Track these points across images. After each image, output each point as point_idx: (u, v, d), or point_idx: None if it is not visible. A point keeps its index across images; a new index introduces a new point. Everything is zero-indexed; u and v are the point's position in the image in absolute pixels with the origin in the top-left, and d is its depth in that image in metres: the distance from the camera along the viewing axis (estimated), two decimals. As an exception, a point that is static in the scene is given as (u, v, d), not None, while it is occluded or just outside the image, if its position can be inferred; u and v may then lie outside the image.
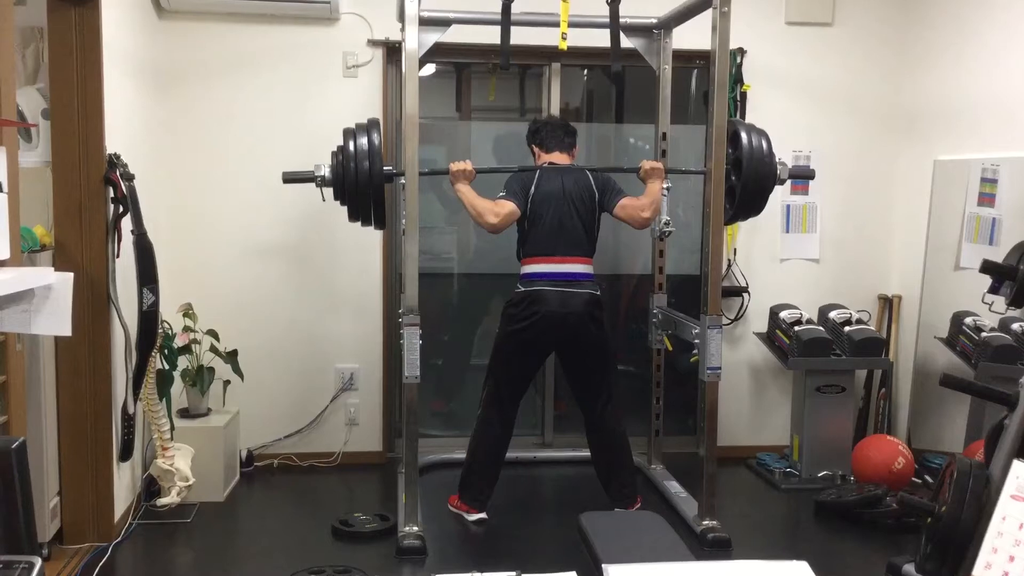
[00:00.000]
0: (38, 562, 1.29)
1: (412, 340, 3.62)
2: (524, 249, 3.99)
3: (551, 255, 3.91)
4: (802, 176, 4.34)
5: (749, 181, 3.89)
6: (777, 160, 3.99)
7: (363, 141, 3.76)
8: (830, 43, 4.91)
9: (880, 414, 4.94)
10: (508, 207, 3.86)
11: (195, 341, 4.24)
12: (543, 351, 4.06)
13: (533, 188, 3.92)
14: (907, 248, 4.92)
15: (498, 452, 4.01)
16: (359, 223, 3.91)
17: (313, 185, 3.86)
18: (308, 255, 4.67)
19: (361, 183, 3.74)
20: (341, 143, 3.83)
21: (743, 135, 3.92)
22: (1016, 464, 1.77)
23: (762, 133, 4.00)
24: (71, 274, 2.08)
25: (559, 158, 4.03)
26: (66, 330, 2.06)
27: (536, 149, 4.12)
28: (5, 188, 1.95)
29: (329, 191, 3.85)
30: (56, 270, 2.17)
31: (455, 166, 3.88)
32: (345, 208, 3.90)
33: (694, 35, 4.18)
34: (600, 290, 3.97)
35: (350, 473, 4.67)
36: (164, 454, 3.88)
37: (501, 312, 4.01)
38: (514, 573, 1.79)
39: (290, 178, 3.90)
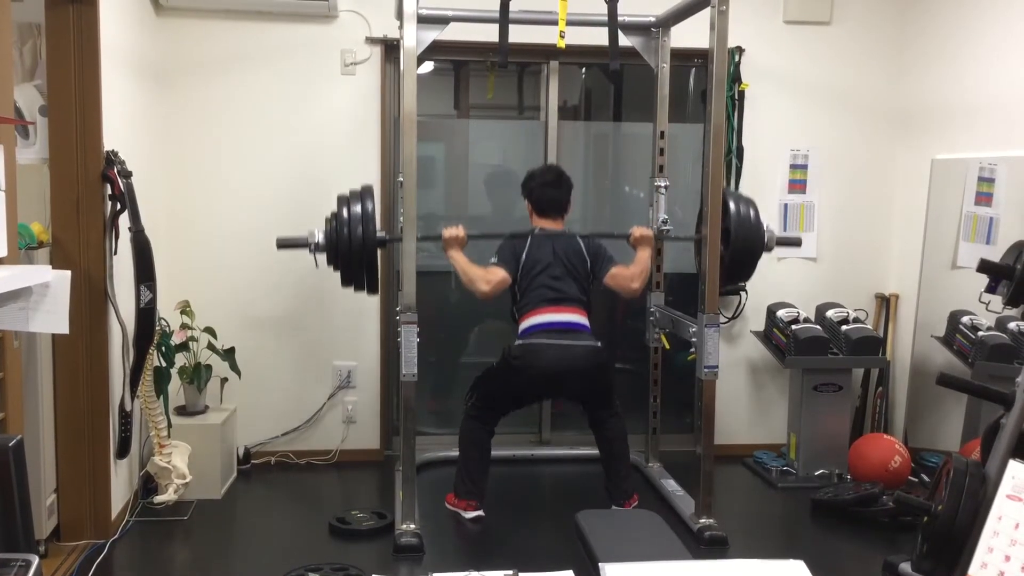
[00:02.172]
0: (35, 560, 1.29)
1: (410, 338, 3.62)
2: (518, 307, 4.03)
3: (547, 306, 3.94)
4: (789, 244, 4.39)
5: (738, 250, 3.92)
6: (765, 227, 4.04)
7: (356, 208, 3.80)
8: (828, 42, 4.92)
9: (877, 413, 4.95)
10: (499, 275, 3.93)
11: (192, 338, 4.23)
12: (538, 399, 4.19)
13: (524, 255, 3.99)
14: (904, 247, 4.93)
15: (486, 442, 4.05)
16: (351, 289, 3.94)
17: (307, 251, 3.86)
18: (306, 252, 4.65)
19: (354, 249, 3.77)
20: (335, 207, 3.87)
21: (731, 204, 3.96)
22: (1012, 464, 1.78)
23: (749, 202, 4.06)
24: (68, 272, 2.08)
25: (551, 224, 4.09)
26: (63, 328, 2.06)
27: (529, 206, 4.16)
28: (3, 185, 1.94)
29: (323, 256, 3.87)
30: (53, 267, 2.17)
31: (447, 233, 3.93)
32: (343, 288, 3.95)
33: (692, 33, 4.18)
34: (600, 342, 3.95)
35: (347, 471, 4.68)
36: (161, 451, 3.88)
37: (502, 355, 3.99)
38: (511, 571, 1.79)
39: (284, 244, 3.93)
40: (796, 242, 4.39)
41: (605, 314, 4.33)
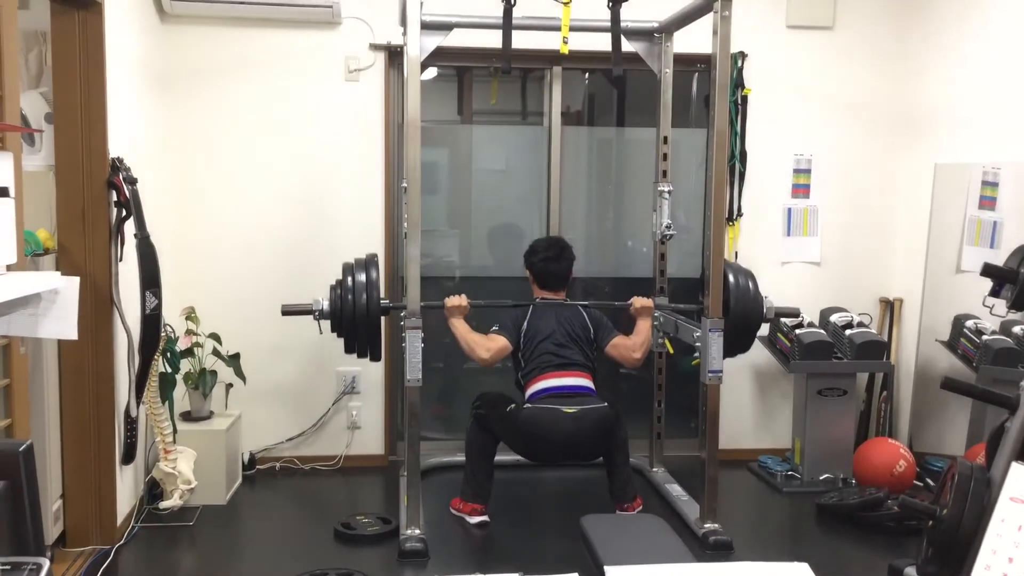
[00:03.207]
0: (46, 564, 1.30)
1: (414, 343, 3.63)
2: (523, 374, 4.06)
3: (553, 371, 3.97)
4: (787, 315, 4.43)
5: (737, 321, 3.94)
6: (764, 298, 4.11)
7: (361, 277, 3.84)
8: (831, 47, 4.92)
9: (881, 417, 4.94)
10: (500, 342, 4.00)
11: (198, 344, 4.24)
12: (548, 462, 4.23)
13: (525, 323, 4.06)
14: (908, 251, 4.93)
15: (493, 451, 4.06)
16: (355, 355, 3.97)
17: (314, 322, 3.93)
18: (311, 258, 4.67)
19: (359, 317, 3.81)
20: (340, 275, 3.91)
21: (730, 277, 4.01)
22: (1015, 466, 1.78)
23: (748, 274, 4.13)
24: (77, 278, 2.09)
25: (552, 295, 4.16)
26: (72, 334, 2.08)
27: (531, 277, 4.21)
28: (12, 193, 1.96)
29: (327, 323, 3.91)
30: (59, 274, 2.18)
31: (450, 302, 4.00)
32: (347, 354, 3.99)
33: (695, 39, 4.19)
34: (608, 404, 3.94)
35: (352, 476, 4.68)
36: (166, 457, 3.89)
37: (507, 408, 3.94)
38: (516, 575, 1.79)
39: (289, 311, 3.98)
40: (795, 313, 4.44)
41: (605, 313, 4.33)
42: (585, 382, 3.99)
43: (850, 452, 4.54)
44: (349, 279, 3.86)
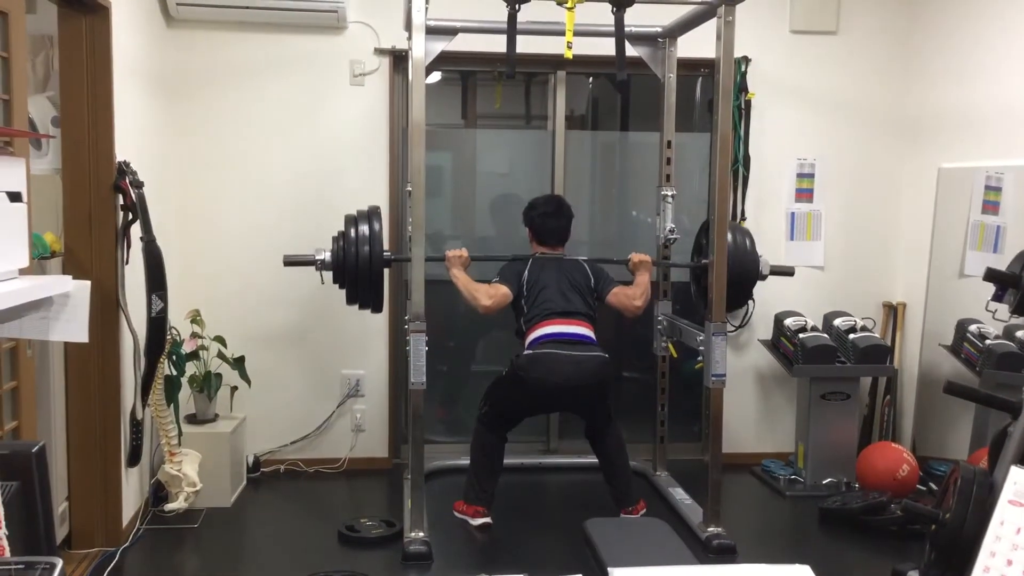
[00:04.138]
0: (59, 563, 1.31)
1: (418, 346, 3.65)
2: (525, 320, 4.06)
3: (555, 318, 3.97)
4: (782, 274, 4.45)
5: (733, 276, 3.95)
6: (760, 257, 4.19)
7: (364, 228, 3.85)
8: (835, 51, 4.93)
9: (885, 421, 4.94)
10: (502, 290, 4.01)
11: (203, 347, 4.26)
12: (548, 411, 4.18)
13: (526, 272, 4.06)
14: (911, 256, 4.93)
15: (498, 454, 4.07)
16: (356, 307, 3.98)
17: (315, 261, 3.93)
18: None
19: (361, 268, 3.82)
20: (344, 221, 3.93)
21: (728, 235, 4.03)
22: (1014, 470, 1.79)
23: (746, 232, 4.20)
24: (88, 282, 2.11)
25: (552, 251, 4.17)
26: (83, 337, 2.10)
27: (530, 234, 4.24)
28: (24, 198, 1.98)
29: (329, 275, 3.92)
30: (65, 276, 2.21)
31: (451, 253, 4.02)
32: (348, 305, 4.01)
33: (699, 44, 4.20)
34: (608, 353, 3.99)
35: (356, 479, 4.69)
36: (172, 459, 3.91)
37: (510, 363, 4.02)
38: (520, 579, 1.80)
39: (291, 262, 3.98)
40: (789, 271, 4.47)
41: (609, 328, 4.35)
42: (586, 331, 3.98)
43: (853, 456, 4.54)
44: (352, 230, 3.86)
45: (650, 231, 4.48)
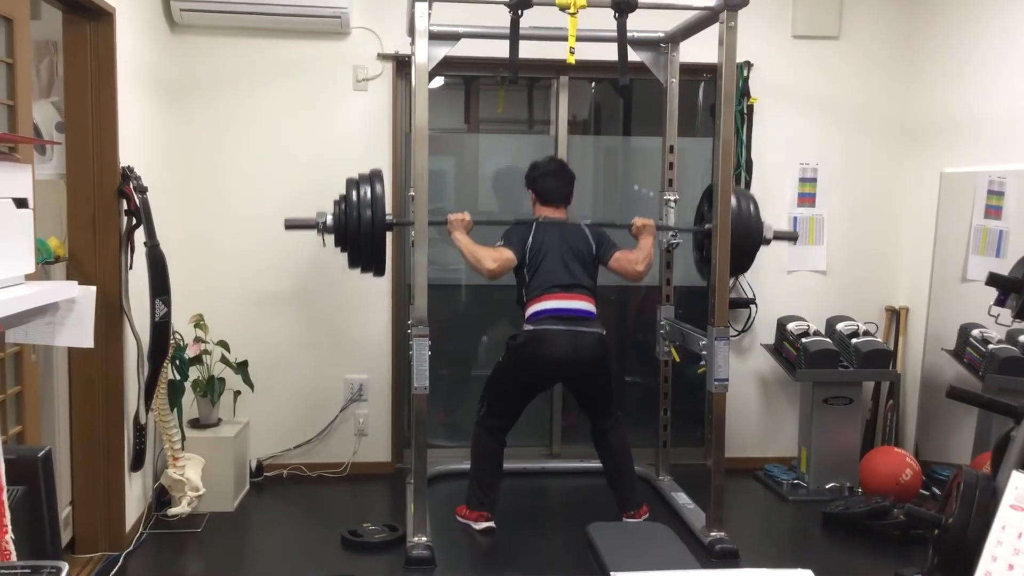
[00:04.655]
0: (65, 567, 1.31)
1: (421, 351, 3.65)
2: (527, 291, 4.04)
3: (556, 292, 3.96)
4: (786, 238, 4.47)
5: (736, 240, 3.94)
6: (764, 223, 4.16)
7: (366, 190, 3.83)
8: (837, 56, 4.94)
9: (887, 426, 4.94)
10: (506, 253, 3.97)
11: (206, 352, 4.27)
12: (545, 388, 4.10)
13: (531, 239, 4.02)
14: (914, 260, 4.94)
15: (497, 458, 4.06)
16: (359, 270, 3.98)
17: (317, 224, 3.92)
18: (318, 267, 4.70)
19: (363, 231, 3.81)
20: (347, 177, 3.93)
21: (731, 198, 3.99)
22: (1015, 475, 1.79)
23: (749, 196, 4.17)
24: (94, 288, 2.12)
25: (555, 212, 4.15)
26: (88, 342, 2.11)
27: (533, 195, 4.21)
28: (31, 204, 1.99)
29: (331, 238, 3.92)
30: (69, 282, 2.21)
31: (453, 216, 3.98)
32: (350, 269, 4.01)
33: (701, 48, 4.21)
34: (605, 330, 4.00)
35: (359, 483, 4.69)
36: (175, 464, 3.91)
37: (506, 345, 4.03)
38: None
39: (292, 224, 3.98)
40: (793, 236, 4.49)
41: (610, 329, 4.35)
42: (586, 305, 3.97)
43: (856, 461, 4.54)
44: (353, 193, 3.85)
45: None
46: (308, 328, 4.74)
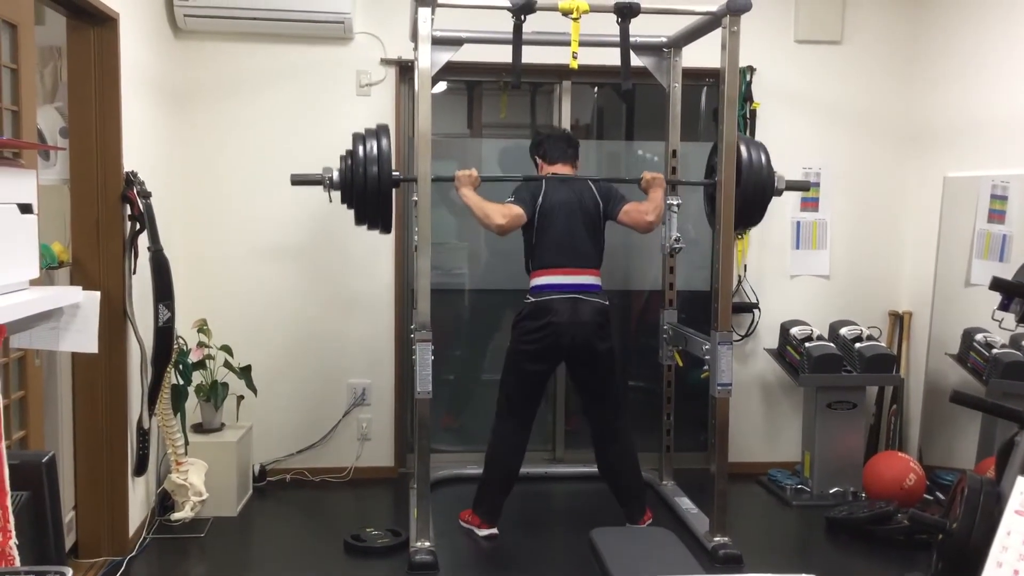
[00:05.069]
0: (68, 572, 1.32)
1: (424, 356, 3.65)
2: (533, 261, 4.02)
3: (561, 267, 3.94)
4: (799, 188, 4.40)
5: (748, 191, 3.92)
6: (775, 172, 4.06)
7: (372, 145, 3.80)
8: (840, 61, 4.94)
9: (891, 430, 4.93)
10: (516, 209, 3.92)
11: (209, 356, 4.27)
12: (553, 360, 4.05)
13: (541, 198, 3.98)
14: (917, 264, 4.93)
15: (514, 462, 4.02)
16: (365, 227, 3.94)
17: (324, 192, 3.90)
18: (322, 272, 4.71)
19: (369, 187, 3.78)
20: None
21: (742, 148, 3.97)
22: (1020, 480, 1.79)
23: (760, 146, 4.08)
24: (98, 293, 2.13)
25: (562, 169, 4.11)
26: (93, 347, 2.11)
27: (539, 160, 4.20)
28: (35, 209, 2.00)
29: (337, 194, 3.89)
30: (73, 286, 2.22)
31: (460, 172, 3.96)
32: (357, 225, 3.95)
33: (704, 53, 4.21)
34: (608, 301, 4.00)
35: (362, 488, 4.69)
36: (178, 469, 3.91)
37: (512, 325, 4.03)
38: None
39: (298, 180, 3.94)
40: (805, 186, 4.42)
41: (614, 325, 4.34)
42: (591, 279, 3.96)
43: (860, 466, 4.53)
44: (360, 148, 3.82)
45: (655, 240, 4.47)
46: (312, 333, 4.74)
